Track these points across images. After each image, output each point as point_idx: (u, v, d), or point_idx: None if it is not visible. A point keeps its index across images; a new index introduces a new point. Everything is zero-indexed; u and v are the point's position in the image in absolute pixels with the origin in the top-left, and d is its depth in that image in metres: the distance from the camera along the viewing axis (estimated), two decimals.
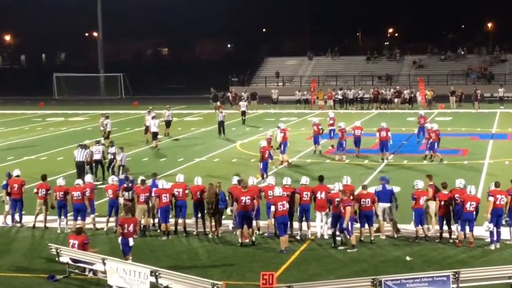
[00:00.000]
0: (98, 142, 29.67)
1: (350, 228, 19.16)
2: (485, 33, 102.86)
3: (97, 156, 28.71)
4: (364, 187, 20.58)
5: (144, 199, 21.03)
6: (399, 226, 20.64)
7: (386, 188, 20.53)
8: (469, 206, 19.18)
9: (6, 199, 22.76)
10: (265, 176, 26.91)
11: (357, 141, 33.52)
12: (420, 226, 20.02)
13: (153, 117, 38.78)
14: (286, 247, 19.35)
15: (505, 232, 19.56)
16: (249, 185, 20.58)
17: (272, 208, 19.41)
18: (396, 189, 22.39)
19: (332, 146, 35.42)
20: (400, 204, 20.85)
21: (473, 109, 54.54)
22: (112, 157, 28.66)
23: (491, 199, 19.15)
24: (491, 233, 19.20)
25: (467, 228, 19.28)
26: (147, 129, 39.97)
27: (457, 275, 15.35)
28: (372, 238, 19.94)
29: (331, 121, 36.68)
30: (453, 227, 19.78)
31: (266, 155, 28.22)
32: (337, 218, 19.58)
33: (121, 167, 27.56)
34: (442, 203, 19.65)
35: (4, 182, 22.91)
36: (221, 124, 42.27)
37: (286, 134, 32.76)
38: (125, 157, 28.54)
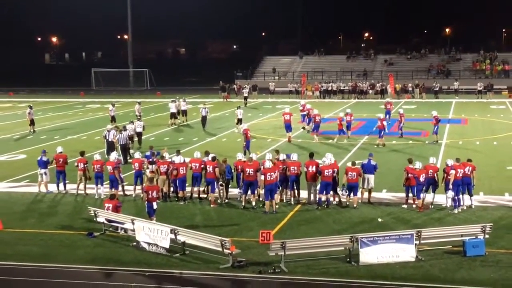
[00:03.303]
0: (116, 128, 29.20)
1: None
2: (443, 37, 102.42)
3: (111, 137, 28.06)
4: (353, 163, 20.28)
5: (164, 171, 20.98)
6: (373, 194, 20.61)
7: (371, 162, 20.40)
8: (421, 178, 19.27)
9: (43, 172, 22.40)
10: (247, 152, 25.97)
11: (348, 126, 32.77)
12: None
13: (173, 101, 40.65)
14: (273, 210, 19.33)
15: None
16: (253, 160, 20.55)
17: (262, 177, 19.33)
18: None
19: (303, 128, 35.63)
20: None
21: (421, 99, 53.87)
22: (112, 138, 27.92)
23: (453, 172, 19.04)
24: (454, 199, 19.13)
25: (422, 195, 19.31)
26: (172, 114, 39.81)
27: (419, 234, 15.36)
28: (355, 205, 19.72)
29: (301, 107, 37.58)
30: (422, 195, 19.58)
31: (249, 135, 28.31)
32: (326, 185, 19.53)
33: (119, 146, 27.22)
34: (409, 175, 19.53)
35: (45, 158, 22.54)
36: (204, 119, 38.03)
37: (290, 117, 32.42)
38: (125, 137, 27.76)
